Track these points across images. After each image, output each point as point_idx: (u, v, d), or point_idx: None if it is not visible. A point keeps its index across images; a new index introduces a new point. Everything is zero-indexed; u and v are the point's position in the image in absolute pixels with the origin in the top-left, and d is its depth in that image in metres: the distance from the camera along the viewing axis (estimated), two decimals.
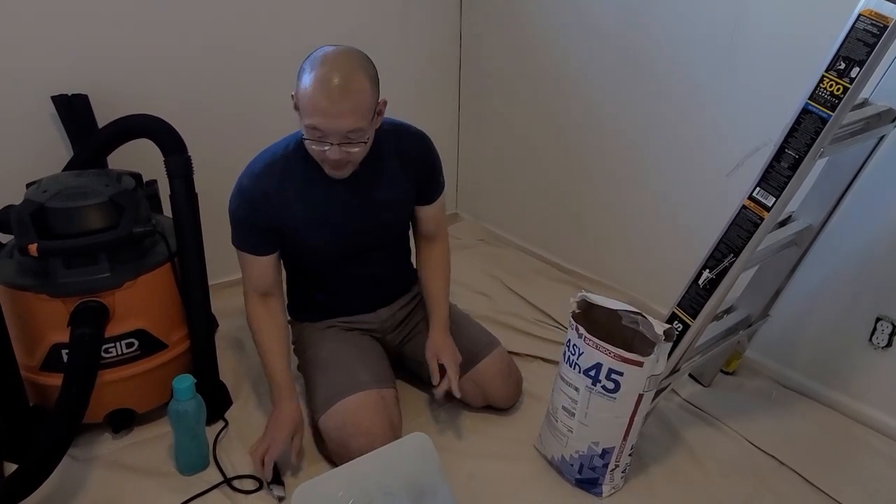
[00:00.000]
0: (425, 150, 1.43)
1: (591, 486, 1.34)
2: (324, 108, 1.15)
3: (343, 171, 1.27)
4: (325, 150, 1.20)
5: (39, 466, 1.17)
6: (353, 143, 1.20)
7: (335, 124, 1.16)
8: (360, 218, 1.38)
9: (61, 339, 1.30)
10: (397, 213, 1.44)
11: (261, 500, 1.30)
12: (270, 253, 1.37)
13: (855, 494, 1.34)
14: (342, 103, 1.15)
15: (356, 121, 1.17)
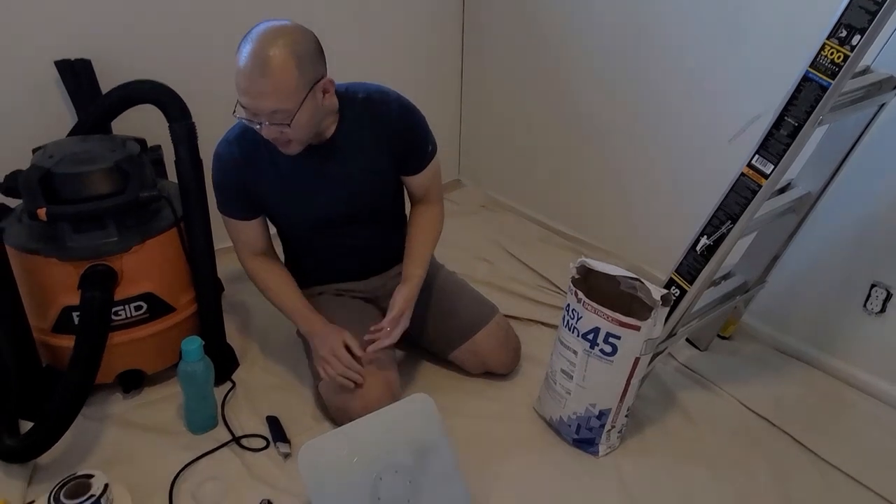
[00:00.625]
0: (403, 118, 1.37)
1: (588, 446, 1.38)
2: (245, 88, 1.15)
3: (290, 149, 1.26)
4: (257, 128, 1.20)
5: (55, 424, 1.22)
6: (281, 123, 1.18)
7: (256, 104, 1.16)
8: (328, 190, 1.37)
9: (72, 301, 1.33)
10: (370, 185, 1.41)
11: (267, 457, 1.35)
12: (254, 217, 1.39)
13: (843, 455, 1.38)
14: (260, 83, 1.14)
15: (276, 102, 1.15)
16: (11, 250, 1.31)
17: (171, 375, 1.52)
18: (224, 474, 1.30)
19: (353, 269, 1.54)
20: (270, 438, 1.38)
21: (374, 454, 1.16)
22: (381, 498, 1.14)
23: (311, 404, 1.49)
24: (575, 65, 2.03)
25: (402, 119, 1.37)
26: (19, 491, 1.23)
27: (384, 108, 1.35)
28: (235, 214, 1.38)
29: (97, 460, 1.32)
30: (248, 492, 1.26)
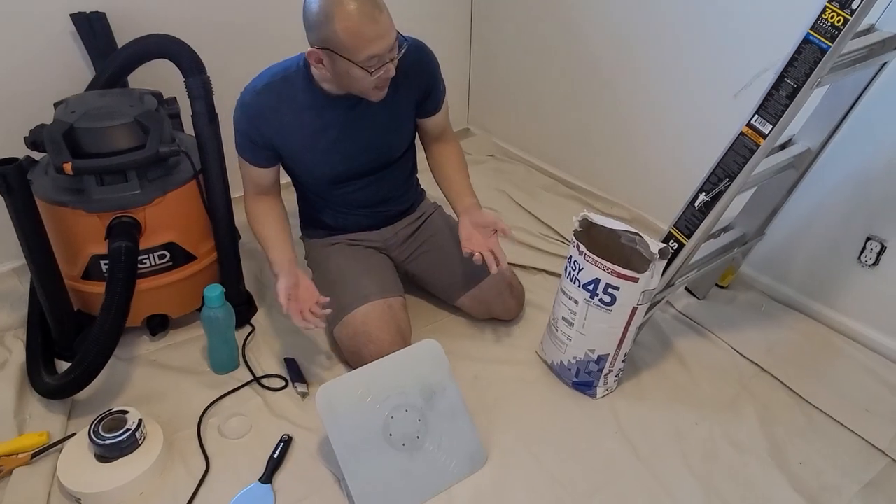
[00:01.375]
0: (424, 59, 1.44)
1: (587, 388, 1.47)
2: (376, 33, 1.19)
3: (384, 91, 1.32)
4: (382, 73, 1.25)
5: (91, 364, 1.31)
6: (399, 47, 1.26)
7: (387, 41, 1.22)
8: (352, 140, 1.42)
9: (99, 250, 1.41)
10: (393, 133, 1.47)
11: (286, 396, 1.45)
12: (269, 166, 1.44)
13: (829, 398, 1.46)
14: (384, 19, 1.20)
15: (394, 29, 1.23)
16: (40, 202, 1.38)
17: (194, 319, 1.61)
18: (247, 411, 1.40)
19: (367, 219, 1.60)
20: (289, 379, 1.48)
21: (386, 395, 1.25)
22: (393, 434, 1.23)
23: (326, 347, 1.58)
24: (584, 14, 2.02)
25: (420, 62, 1.43)
26: (60, 424, 1.33)
27: (408, 56, 1.36)
28: (251, 160, 1.43)
29: (129, 397, 1.42)
30: (270, 428, 1.36)
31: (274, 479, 1.25)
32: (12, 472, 1.23)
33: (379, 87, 1.30)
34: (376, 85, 1.28)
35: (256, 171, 1.45)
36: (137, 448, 1.24)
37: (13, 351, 1.51)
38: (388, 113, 1.42)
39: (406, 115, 1.48)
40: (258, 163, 1.43)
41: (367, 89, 1.29)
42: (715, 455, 1.33)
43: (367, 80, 1.25)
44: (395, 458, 1.22)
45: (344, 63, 1.23)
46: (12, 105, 1.60)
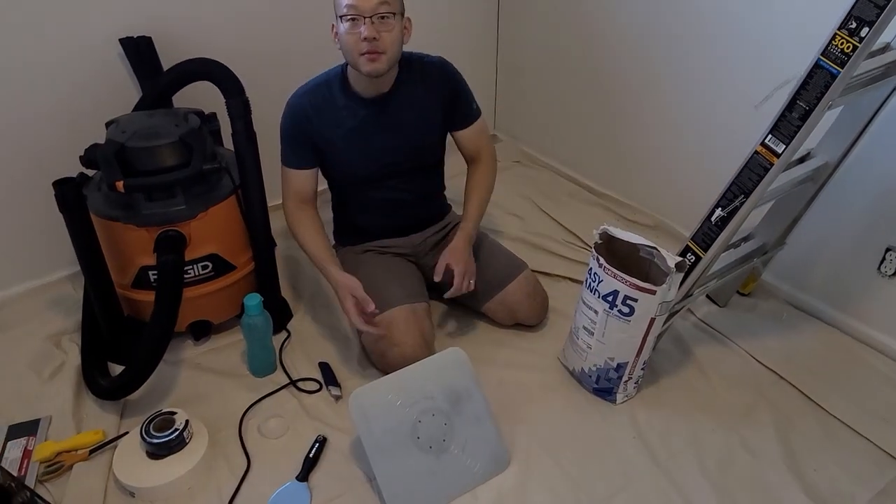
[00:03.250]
0: (445, 70, 1.59)
1: (607, 395, 1.53)
2: None
3: (377, 64, 1.40)
4: (359, 30, 1.35)
5: (142, 368, 1.42)
6: (384, 19, 1.35)
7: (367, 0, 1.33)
8: (385, 139, 1.55)
9: (148, 262, 1.51)
10: (424, 134, 1.60)
11: (321, 398, 1.53)
12: (310, 167, 1.57)
13: (847, 408, 1.49)
14: None
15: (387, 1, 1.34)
16: (94, 216, 1.48)
17: (234, 325, 1.71)
18: (284, 413, 1.49)
19: (397, 224, 1.70)
20: (323, 382, 1.57)
21: (415, 399, 1.33)
22: (421, 437, 1.31)
23: (357, 351, 1.66)
24: (609, 23, 2.06)
25: (446, 75, 1.59)
26: (114, 423, 1.44)
27: (429, 62, 1.58)
28: (295, 163, 1.56)
29: (175, 398, 1.52)
30: (306, 428, 1.44)
31: (310, 478, 1.34)
32: (73, 466, 1.34)
33: (364, 53, 1.38)
34: (360, 50, 1.37)
35: (299, 177, 1.57)
36: (185, 447, 1.34)
37: (69, 353, 1.62)
38: (416, 114, 1.55)
39: (433, 119, 1.60)
40: (301, 165, 1.56)
41: (356, 57, 1.39)
42: (731, 461, 1.38)
43: (349, 38, 1.37)
44: (423, 460, 1.30)
45: (337, 23, 1.40)
46: (66, 122, 1.71)
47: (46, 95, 1.67)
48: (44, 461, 1.34)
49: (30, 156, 1.70)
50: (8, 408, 1.48)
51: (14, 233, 1.78)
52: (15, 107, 1.65)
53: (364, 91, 1.50)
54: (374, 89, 1.50)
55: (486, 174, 1.69)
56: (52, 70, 1.66)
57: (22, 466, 1.33)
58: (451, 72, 1.60)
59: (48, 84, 1.66)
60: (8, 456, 1.35)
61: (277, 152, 1.56)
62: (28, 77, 1.63)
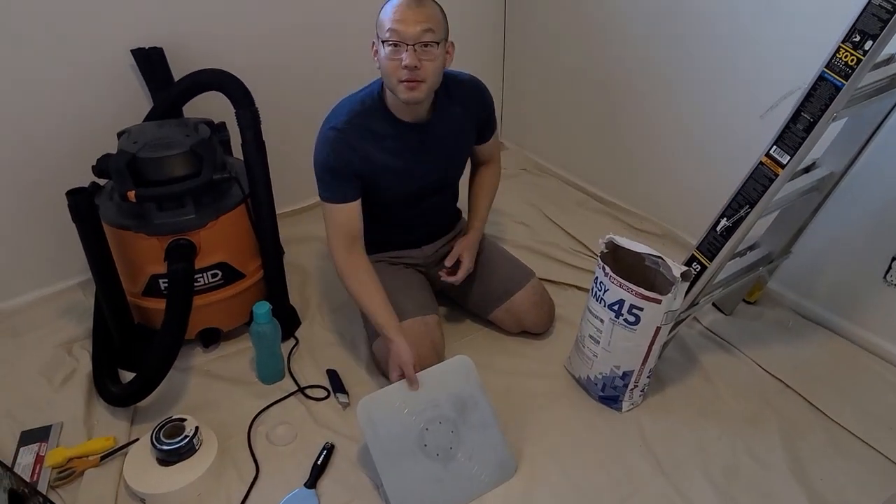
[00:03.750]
0: (483, 93, 1.59)
1: (612, 403, 1.53)
2: (401, 13, 1.30)
3: (417, 92, 1.34)
4: (401, 57, 1.31)
5: (153, 375, 1.43)
6: (427, 47, 1.31)
7: (409, 28, 1.29)
8: (424, 163, 1.53)
9: (158, 270, 1.53)
10: (460, 156, 1.63)
11: (328, 405, 1.54)
12: (356, 199, 1.48)
13: (853, 416, 1.49)
14: (417, 9, 1.31)
15: (430, 24, 1.30)
16: (105, 225, 1.50)
17: (242, 332, 1.72)
18: (292, 420, 1.50)
19: (413, 237, 1.71)
20: (331, 389, 1.58)
21: (422, 407, 1.34)
22: (428, 445, 1.32)
23: (366, 359, 1.67)
24: (616, 32, 2.08)
25: (483, 98, 1.59)
26: (124, 430, 1.46)
27: (465, 82, 1.56)
28: (340, 198, 1.45)
29: (185, 405, 1.54)
30: (314, 436, 1.46)
31: (318, 485, 1.35)
32: (84, 473, 1.36)
33: (404, 81, 1.33)
34: (400, 77, 1.32)
35: (344, 211, 1.46)
36: (195, 453, 1.35)
37: (80, 360, 1.64)
38: (453, 137, 1.55)
39: (467, 141, 1.62)
40: (346, 198, 1.46)
41: (395, 83, 1.34)
42: (736, 470, 1.38)
43: (389, 64, 1.32)
44: (430, 467, 1.31)
45: (378, 45, 1.35)
46: (79, 132, 1.74)
47: (59, 106, 1.70)
48: (56, 467, 1.36)
49: (43, 165, 1.73)
50: (20, 414, 1.50)
51: (27, 241, 1.80)
52: (28, 117, 1.67)
53: (403, 115, 1.45)
54: (413, 114, 1.45)
55: (494, 175, 1.75)
56: (65, 81, 1.68)
57: (34, 472, 1.35)
58: (486, 94, 1.60)
59: (61, 94, 1.69)
60: (20, 462, 1.37)
61: (285, 160, 1.58)
62: (41, 87, 1.66)
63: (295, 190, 2.04)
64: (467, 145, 1.64)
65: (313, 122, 1.49)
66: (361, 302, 1.47)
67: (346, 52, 2.08)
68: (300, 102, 1.51)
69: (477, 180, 1.74)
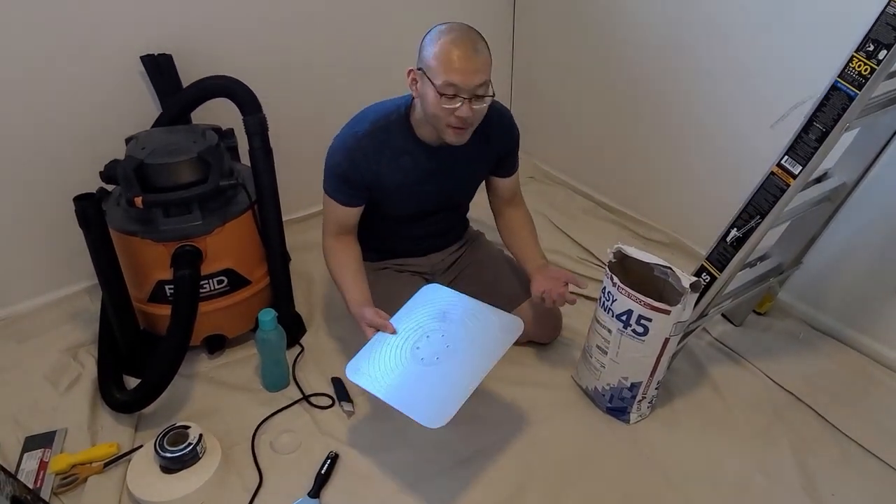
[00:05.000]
0: (510, 126, 1.57)
1: (620, 414, 1.52)
2: (462, 64, 1.27)
3: (463, 136, 1.37)
4: (456, 106, 1.31)
5: (158, 381, 1.43)
6: (481, 98, 1.32)
7: (470, 79, 1.28)
8: (437, 184, 1.53)
9: (164, 276, 1.53)
10: (472, 182, 1.61)
11: (333, 414, 1.53)
12: (357, 206, 1.52)
13: (865, 430, 1.47)
14: (476, 58, 1.29)
15: (486, 75, 1.30)
16: (112, 231, 1.50)
17: (247, 339, 1.72)
18: (296, 428, 1.49)
19: (420, 248, 1.71)
20: (335, 397, 1.57)
21: (405, 336, 1.39)
22: (424, 358, 1.34)
23: None
24: (625, 40, 2.07)
25: (507, 126, 1.57)
26: (128, 436, 1.45)
27: (496, 115, 1.50)
28: (343, 200, 1.50)
29: (189, 412, 1.53)
30: (318, 444, 1.45)
31: (321, 494, 1.34)
32: (87, 479, 1.35)
33: (454, 127, 1.34)
34: (450, 123, 1.33)
35: (344, 211, 1.52)
36: (198, 461, 1.35)
37: (85, 366, 1.64)
38: (469, 163, 1.53)
39: (482, 169, 1.60)
40: (350, 203, 1.50)
41: (443, 126, 1.35)
42: (746, 484, 1.36)
43: (440, 109, 1.31)
44: (436, 372, 1.31)
45: (427, 85, 1.32)
46: (87, 138, 1.74)
47: (68, 112, 1.71)
48: (59, 473, 1.35)
49: (51, 170, 1.73)
50: (25, 419, 1.49)
51: (34, 246, 1.81)
52: (37, 122, 1.68)
53: (426, 137, 1.45)
54: (439, 139, 1.43)
55: (529, 216, 1.73)
56: (74, 87, 1.69)
57: (38, 478, 1.34)
58: (515, 129, 1.57)
59: (70, 100, 1.70)
60: (24, 468, 1.37)
61: (292, 167, 1.57)
62: (50, 93, 1.67)
63: (302, 197, 2.04)
64: (481, 173, 1.61)
65: (321, 128, 1.49)
66: (336, 278, 1.54)
67: (358, 61, 2.08)
68: (308, 110, 1.51)
69: (513, 226, 1.69)
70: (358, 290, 1.50)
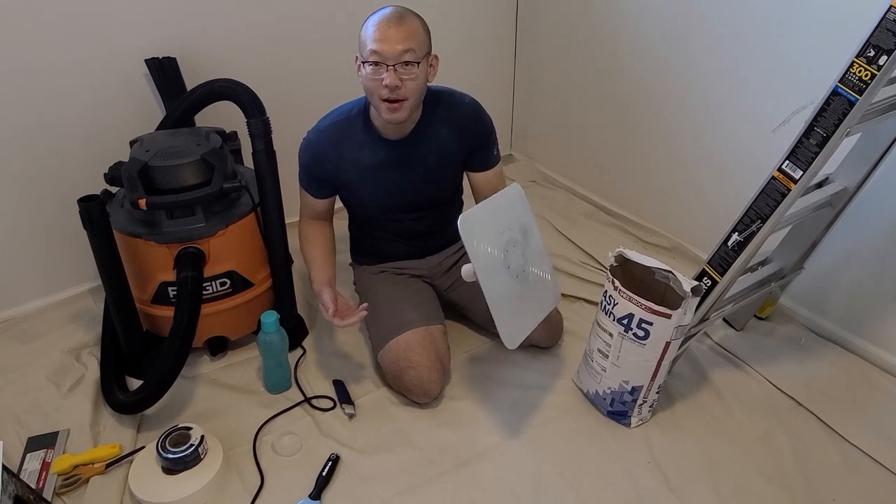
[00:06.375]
0: (477, 117, 1.54)
1: (621, 418, 1.52)
2: (382, 32, 1.31)
3: (399, 112, 1.38)
4: (382, 76, 1.33)
5: (160, 382, 1.43)
6: (408, 66, 1.32)
7: (390, 47, 1.30)
8: (403, 180, 1.53)
9: (168, 278, 1.53)
10: (440, 176, 1.58)
11: (334, 416, 1.54)
12: (325, 198, 1.58)
13: (866, 435, 1.47)
14: (398, 27, 1.31)
15: (410, 44, 1.31)
16: (116, 233, 1.51)
17: (250, 341, 1.72)
18: (298, 430, 1.49)
19: (413, 250, 1.70)
20: (337, 400, 1.57)
21: (502, 229, 1.40)
22: (511, 266, 1.39)
23: (372, 370, 1.67)
24: (627, 45, 2.08)
25: (478, 125, 1.54)
26: (130, 437, 1.46)
27: (461, 104, 1.53)
28: (311, 191, 1.58)
29: (191, 414, 1.54)
30: (319, 446, 1.45)
31: (323, 496, 1.34)
32: (89, 480, 1.35)
33: (386, 100, 1.36)
34: (381, 95, 1.35)
35: (314, 201, 1.59)
36: (200, 462, 1.35)
37: (88, 367, 1.65)
38: (437, 156, 1.52)
39: (454, 162, 1.58)
40: (317, 195, 1.58)
41: (378, 101, 1.38)
42: (747, 489, 1.36)
43: (370, 81, 1.35)
44: (514, 286, 1.38)
45: (359, 63, 1.37)
46: (91, 140, 1.75)
47: (73, 114, 1.72)
48: (61, 474, 1.36)
49: (55, 172, 1.75)
50: (28, 420, 1.50)
51: (37, 247, 1.81)
52: (42, 125, 1.69)
53: (385, 131, 1.48)
54: (396, 131, 1.47)
55: None
56: (79, 89, 1.70)
57: (40, 479, 1.35)
58: (483, 121, 1.55)
59: (75, 103, 1.71)
60: (27, 468, 1.37)
61: (296, 172, 1.58)
62: (55, 96, 1.68)
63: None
64: (452, 169, 1.58)
65: None
66: (304, 256, 1.60)
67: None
68: (312, 113, 1.51)
69: None
70: (322, 270, 1.54)
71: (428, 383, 1.49)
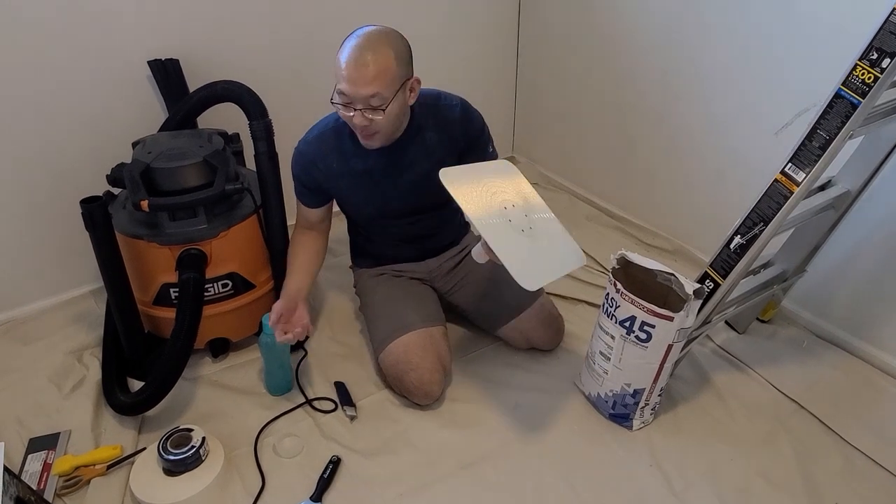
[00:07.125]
0: (465, 116, 1.50)
1: (623, 420, 1.51)
2: (347, 74, 1.28)
3: (372, 141, 1.39)
4: (350, 115, 1.32)
5: (162, 384, 1.43)
6: (375, 109, 1.30)
7: (356, 90, 1.28)
8: (395, 186, 1.51)
9: (169, 279, 1.53)
10: (433, 181, 1.50)
11: (335, 418, 1.53)
12: (318, 207, 1.58)
13: (868, 438, 1.46)
14: (365, 69, 1.26)
15: (376, 87, 1.27)
16: (118, 234, 1.51)
17: (251, 342, 1.72)
18: (299, 432, 1.49)
19: (412, 253, 1.69)
20: (338, 401, 1.57)
21: (495, 190, 1.36)
22: (512, 220, 1.33)
23: (373, 371, 1.66)
24: (629, 47, 2.08)
25: (467, 125, 1.50)
26: (132, 438, 1.46)
27: (449, 110, 1.49)
28: (303, 201, 1.58)
29: (193, 415, 1.54)
30: (320, 448, 1.45)
31: (324, 498, 1.34)
32: (90, 481, 1.35)
33: (359, 132, 1.36)
34: (353, 127, 1.36)
35: (307, 210, 1.59)
36: (201, 464, 1.35)
37: (90, 368, 1.65)
38: (427, 160, 1.49)
39: (445, 163, 1.50)
40: (309, 204, 1.58)
41: (352, 128, 1.38)
42: (749, 492, 1.36)
43: (338, 110, 1.34)
44: (521, 239, 1.31)
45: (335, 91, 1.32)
46: (94, 141, 1.76)
47: (75, 115, 1.72)
48: (63, 475, 1.36)
49: (57, 174, 1.75)
50: (29, 421, 1.50)
51: (39, 248, 1.82)
52: (44, 126, 1.69)
53: None
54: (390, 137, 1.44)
55: None
56: (82, 91, 1.70)
57: (41, 480, 1.35)
58: (472, 120, 1.51)
59: (77, 104, 1.71)
60: (28, 469, 1.37)
61: None
62: (58, 97, 1.68)
63: None
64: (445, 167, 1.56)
65: None
66: (287, 263, 1.58)
67: None
68: (314, 115, 1.51)
69: None
70: (293, 280, 1.54)
71: (429, 385, 1.49)
